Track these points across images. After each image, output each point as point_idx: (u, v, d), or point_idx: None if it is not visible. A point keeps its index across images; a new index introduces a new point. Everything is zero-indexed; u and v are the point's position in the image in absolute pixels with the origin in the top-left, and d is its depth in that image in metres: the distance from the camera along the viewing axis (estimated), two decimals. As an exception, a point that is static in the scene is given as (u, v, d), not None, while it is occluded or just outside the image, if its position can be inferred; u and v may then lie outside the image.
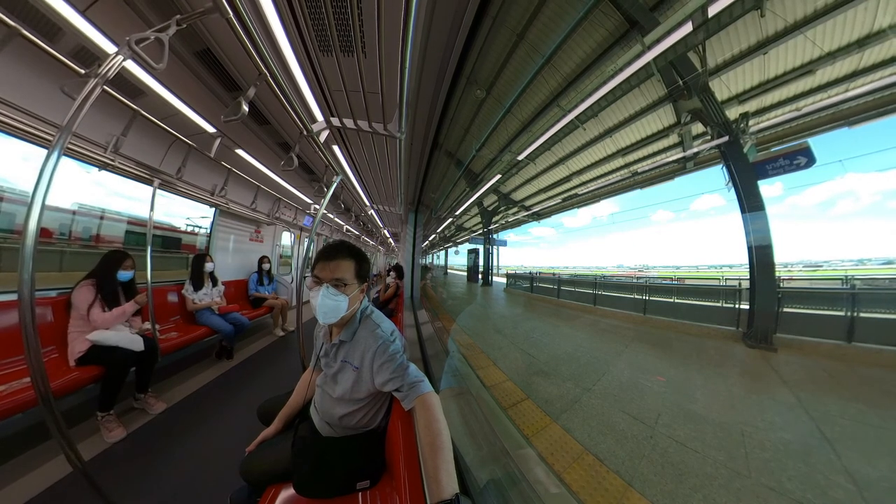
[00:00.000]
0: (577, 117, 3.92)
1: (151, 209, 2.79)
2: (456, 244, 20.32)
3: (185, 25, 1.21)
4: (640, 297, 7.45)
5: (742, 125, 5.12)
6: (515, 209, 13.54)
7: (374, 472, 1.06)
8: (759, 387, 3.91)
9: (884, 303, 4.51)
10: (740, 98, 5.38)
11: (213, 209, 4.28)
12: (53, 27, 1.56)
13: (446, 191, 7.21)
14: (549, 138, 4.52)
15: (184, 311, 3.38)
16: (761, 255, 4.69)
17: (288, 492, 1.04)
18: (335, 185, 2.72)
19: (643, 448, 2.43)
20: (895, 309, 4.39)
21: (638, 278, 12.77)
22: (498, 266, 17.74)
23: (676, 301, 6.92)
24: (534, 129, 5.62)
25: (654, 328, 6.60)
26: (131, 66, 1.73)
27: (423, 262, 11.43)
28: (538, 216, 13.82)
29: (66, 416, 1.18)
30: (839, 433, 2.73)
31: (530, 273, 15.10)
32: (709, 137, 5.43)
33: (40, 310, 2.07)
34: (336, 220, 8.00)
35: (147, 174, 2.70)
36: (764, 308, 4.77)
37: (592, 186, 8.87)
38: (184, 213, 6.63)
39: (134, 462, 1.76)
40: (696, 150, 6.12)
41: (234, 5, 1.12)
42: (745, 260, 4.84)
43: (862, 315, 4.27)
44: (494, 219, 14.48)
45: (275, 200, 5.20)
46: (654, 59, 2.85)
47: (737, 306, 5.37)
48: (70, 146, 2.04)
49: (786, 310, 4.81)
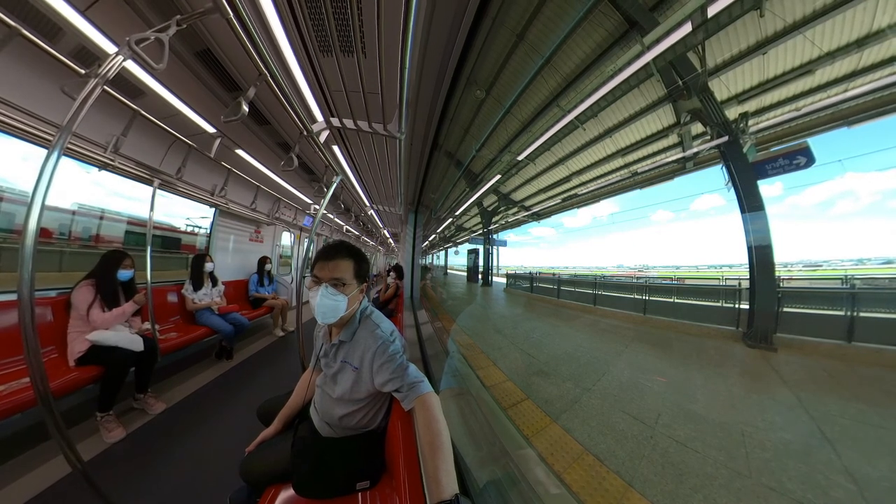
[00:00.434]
0: (576, 117, 3.93)
1: (151, 209, 2.79)
2: (456, 244, 20.32)
3: (185, 25, 1.21)
4: (640, 297, 7.44)
5: (741, 125, 5.12)
6: (515, 209, 13.53)
7: (373, 472, 1.06)
8: (759, 387, 3.90)
9: (884, 302, 4.51)
10: (740, 98, 5.38)
11: (213, 209, 4.28)
12: (54, 27, 1.56)
13: (446, 191, 7.21)
14: (549, 138, 4.52)
15: (183, 311, 3.38)
16: (761, 255, 4.69)
17: (287, 492, 1.04)
18: (335, 185, 2.72)
19: (643, 448, 2.43)
20: (895, 308, 4.39)
21: (638, 278, 12.77)
22: (498, 266, 17.74)
23: (676, 301, 6.91)
24: (533, 130, 5.63)
25: (654, 328, 6.60)
26: (131, 66, 1.73)
27: (423, 262, 11.43)
28: (538, 216, 13.80)
29: (66, 416, 1.17)
30: (839, 433, 2.73)
31: (530, 273, 15.06)
32: (708, 137, 5.43)
33: (40, 310, 2.07)
34: (336, 220, 8.00)
35: (147, 174, 2.70)
36: (764, 308, 4.77)
37: (592, 186, 8.87)
38: (184, 213, 6.63)
39: (133, 462, 1.75)
40: (695, 150, 6.12)
41: (234, 5, 1.13)
42: (745, 260, 4.84)
43: (862, 315, 4.26)
44: (494, 219, 14.47)
45: (275, 201, 5.20)
46: (654, 60, 2.86)
47: (737, 306, 5.36)
48: (70, 146, 2.04)
49: (786, 309, 4.80)
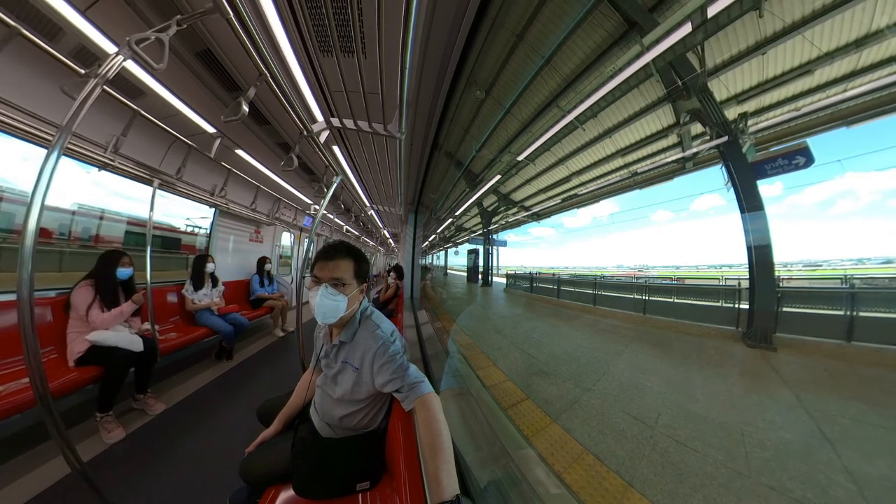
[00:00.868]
0: (576, 118, 3.93)
1: (151, 209, 2.78)
2: (456, 244, 20.32)
3: (185, 26, 1.21)
4: (640, 297, 7.45)
5: (741, 125, 5.13)
6: (515, 209, 13.54)
7: (374, 473, 1.05)
8: (759, 386, 3.90)
9: (883, 302, 4.51)
10: (739, 98, 5.40)
11: (213, 209, 4.28)
12: (54, 27, 1.56)
13: (446, 191, 7.22)
14: (549, 139, 4.52)
15: (183, 311, 3.37)
16: (761, 255, 4.69)
17: (287, 493, 1.03)
18: (335, 185, 2.72)
19: (643, 448, 2.43)
20: (895, 308, 4.40)
21: (638, 278, 12.77)
22: (498, 266, 17.75)
23: (676, 301, 6.91)
24: (533, 130, 5.63)
25: (654, 328, 6.60)
26: (131, 66, 1.73)
27: (423, 262, 11.43)
28: (538, 216, 13.81)
29: (65, 416, 1.17)
30: (839, 432, 2.73)
31: (530, 273, 15.06)
32: (708, 137, 5.43)
33: (39, 310, 2.07)
34: (336, 220, 7.99)
35: (147, 174, 2.70)
36: (763, 308, 4.77)
37: (592, 187, 8.88)
38: (183, 213, 6.62)
39: (133, 463, 1.75)
40: (695, 150, 6.13)
41: (234, 5, 1.13)
42: (745, 260, 4.85)
43: (861, 314, 4.27)
44: (494, 219, 14.47)
45: (275, 201, 5.20)
46: (654, 60, 2.86)
47: (736, 306, 5.37)
48: (70, 146, 2.04)
49: (785, 309, 4.81)
